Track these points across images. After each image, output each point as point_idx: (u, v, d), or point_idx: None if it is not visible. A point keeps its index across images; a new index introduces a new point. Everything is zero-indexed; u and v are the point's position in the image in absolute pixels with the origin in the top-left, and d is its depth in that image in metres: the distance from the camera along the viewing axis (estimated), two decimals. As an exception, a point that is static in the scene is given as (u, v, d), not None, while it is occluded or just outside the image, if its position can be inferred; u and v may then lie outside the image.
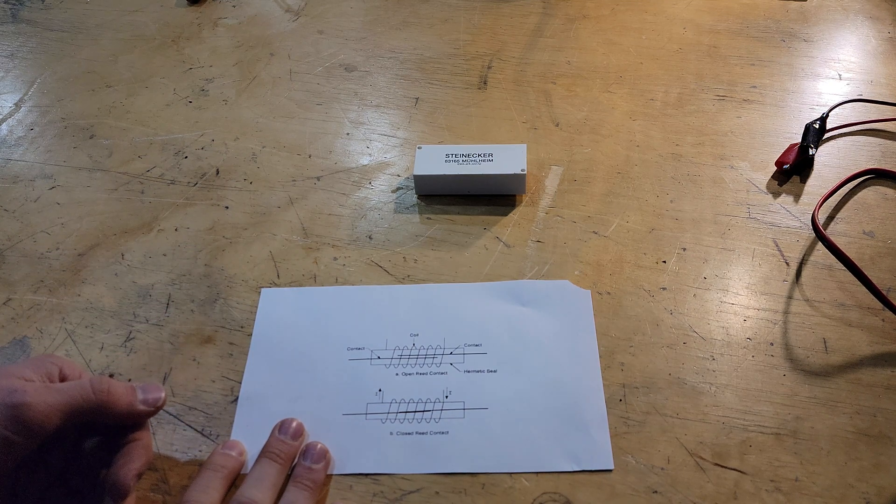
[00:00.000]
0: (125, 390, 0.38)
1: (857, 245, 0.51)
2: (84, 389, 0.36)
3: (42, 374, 0.37)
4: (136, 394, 0.39)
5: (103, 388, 0.37)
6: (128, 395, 0.38)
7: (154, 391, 0.40)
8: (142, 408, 0.39)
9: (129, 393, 0.38)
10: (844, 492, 0.39)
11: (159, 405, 0.40)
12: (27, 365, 0.38)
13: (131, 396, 0.39)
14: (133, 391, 0.39)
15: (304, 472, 0.39)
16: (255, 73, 0.67)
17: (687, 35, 0.70)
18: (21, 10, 0.77)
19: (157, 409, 0.40)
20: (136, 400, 0.39)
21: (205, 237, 0.53)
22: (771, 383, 0.43)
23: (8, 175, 0.58)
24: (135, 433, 0.39)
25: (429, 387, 0.44)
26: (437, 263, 0.50)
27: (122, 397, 0.38)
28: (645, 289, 0.48)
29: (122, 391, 0.38)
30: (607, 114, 0.62)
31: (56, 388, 0.36)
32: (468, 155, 0.54)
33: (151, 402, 0.39)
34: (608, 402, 0.42)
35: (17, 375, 0.36)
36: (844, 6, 0.73)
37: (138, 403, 0.39)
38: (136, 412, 0.39)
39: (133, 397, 0.39)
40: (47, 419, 0.35)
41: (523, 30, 0.71)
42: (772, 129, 0.60)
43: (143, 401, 0.39)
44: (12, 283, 0.50)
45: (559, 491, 0.39)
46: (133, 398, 0.39)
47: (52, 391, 0.35)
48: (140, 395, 0.39)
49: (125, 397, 0.38)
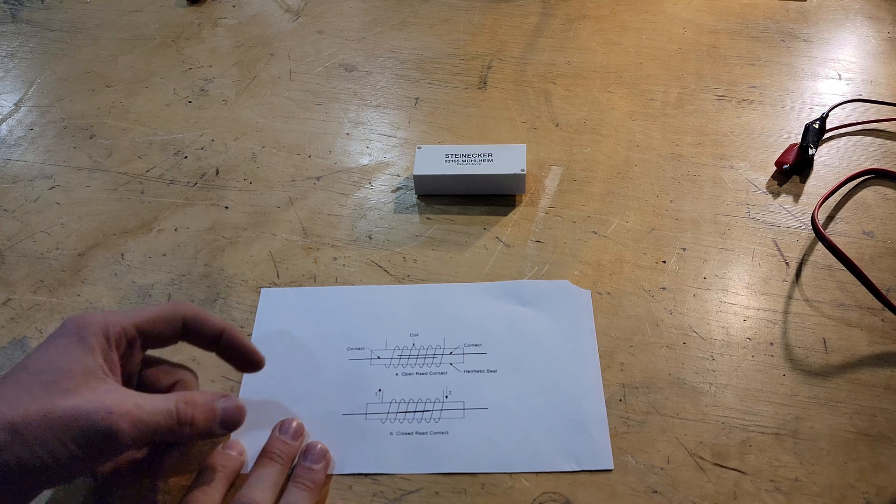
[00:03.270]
0: (206, 416, 0.36)
1: (857, 245, 0.51)
2: (170, 419, 0.34)
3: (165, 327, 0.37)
4: (216, 415, 0.37)
5: (187, 417, 0.35)
6: (208, 422, 0.36)
7: (234, 414, 0.37)
8: (218, 431, 0.37)
9: (209, 418, 0.36)
10: (844, 492, 0.39)
11: (235, 428, 0.38)
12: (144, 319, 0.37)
13: (211, 422, 0.36)
14: (213, 415, 0.37)
15: (305, 472, 0.39)
16: (254, 73, 0.67)
17: (687, 35, 0.70)
18: (21, 10, 0.77)
19: (230, 431, 0.38)
20: (215, 425, 0.37)
21: (205, 237, 0.53)
22: (771, 383, 0.43)
23: (8, 175, 0.58)
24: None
25: (429, 387, 0.44)
26: (437, 263, 0.50)
27: (201, 424, 0.36)
28: (645, 289, 0.48)
29: (203, 418, 0.36)
30: (607, 114, 0.62)
31: (147, 411, 0.34)
32: (468, 155, 0.54)
33: (229, 425, 0.37)
34: (608, 402, 0.42)
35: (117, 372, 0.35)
36: (844, 6, 0.73)
37: (217, 427, 0.37)
38: (210, 435, 0.37)
39: (213, 422, 0.37)
40: (126, 447, 0.33)
41: (523, 30, 0.71)
42: (772, 129, 0.60)
43: (221, 423, 0.37)
44: (12, 283, 0.50)
45: (559, 491, 0.39)
46: (213, 423, 0.37)
47: (143, 415, 0.33)
48: (219, 414, 0.37)
49: (205, 423, 0.36)
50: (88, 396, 0.32)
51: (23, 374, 0.33)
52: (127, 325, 0.37)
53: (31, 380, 0.33)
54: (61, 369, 0.33)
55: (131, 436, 0.33)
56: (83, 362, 0.34)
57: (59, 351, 0.34)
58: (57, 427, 0.31)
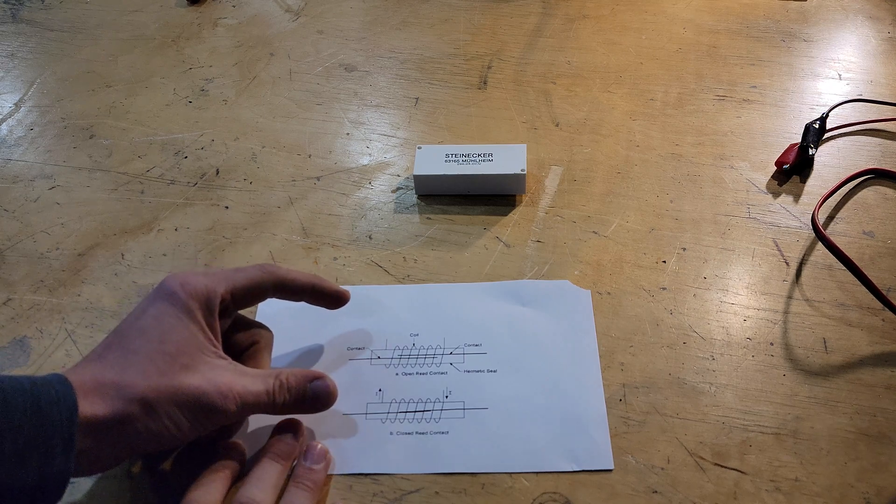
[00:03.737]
0: (296, 398, 0.38)
1: (857, 245, 0.51)
2: (268, 398, 0.37)
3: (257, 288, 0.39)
4: (307, 397, 0.39)
5: (281, 399, 0.38)
6: (297, 403, 0.39)
7: (324, 396, 0.39)
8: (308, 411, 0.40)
9: (299, 400, 0.39)
10: (844, 492, 0.39)
11: (325, 408, 0.40)
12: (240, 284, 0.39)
13: (301, 403, 0.39)
14: (303, 397, 0.39)
15: (305, 472, 0.39)
16: (254, 73, 0.67)
17: (687, 35, 0.70)
18: (21, 10, 0.77)
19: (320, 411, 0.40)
20: (305, 406, 0.39)
21: (205, 237, 0.53)
22: (771, 383, 0.43)
23: (8, 175, 0.58)
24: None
25: (429, 387, 0.44)
26: (437, 263, 0.50)
27: (291, 406, 0.38)
28: (645, 289, 0.48)
29: (294, 400, 0.38)
30: (607, 114, 0.62)
31: (251, 392, 0.36)
32: (468, 155, 0.54)
33: (319, 407, 0.40)
34: (608, 402, 0.42)
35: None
36: (844, 6, 0.73)
37: (307, 408, 0.39)
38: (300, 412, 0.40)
39: (303, 403, 0.39)
40: (228, 422, 0.36)
41: (523, 30, 0.71)
42: (772, 129, 0.60)
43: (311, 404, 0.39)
44: (12, 283, 0.50)
45: (559, 491, 0.39)
46: (303, 404, 0.39)
47: (248, 397, 0.36)
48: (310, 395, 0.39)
49: (294, 405, 0.39)
50: (208, 375, 0.36)
51: (143, 341, 0.35)
52: (225, 293, 0.38)
53: (155, 350, 0.35)
54: (178, 342, 0.36)
55: (235, 414, 0.36)
56: (196, 335, 0.36)
57: (171, 321, 0.36)
58: (182, 403, 0.34)
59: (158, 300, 0.37)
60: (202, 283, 0.38)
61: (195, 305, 0.37)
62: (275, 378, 0.38)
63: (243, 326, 0.42)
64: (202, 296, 0.37)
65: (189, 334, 0.36)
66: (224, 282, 0.39)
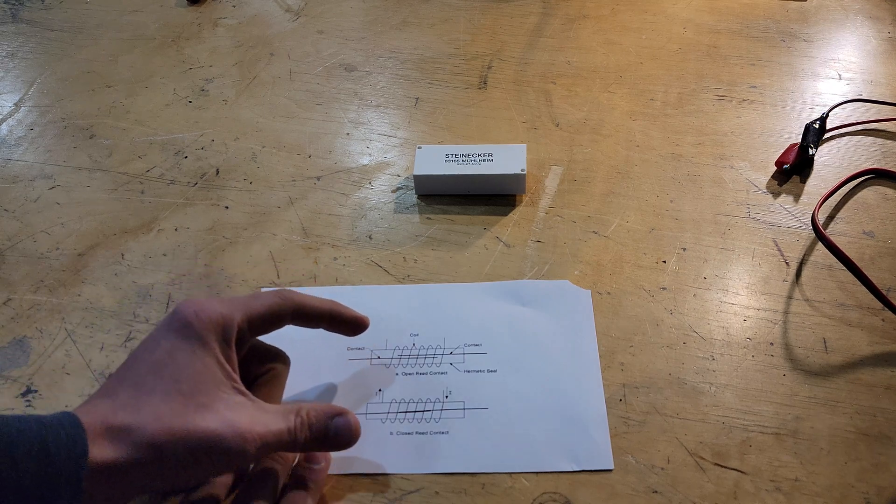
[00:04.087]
0: (316, 437, 0.37)
1: (857, 245, 0.51)
2: (289, 437, 0.36)
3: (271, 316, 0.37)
4: (328, 436, 0.37)
5: (301, 438, 0.36)
6: (317, 442, 0.37)
7: (346, 436, 0.38)
8: (328, 450, 0.38)
9: (319, 439, 0.37)
10: (844, 492, 0.39)
11: (344, 448, 0.38)
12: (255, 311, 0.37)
13: (321, 443, 0.37)
14: (325, 436, 0.37)
15: (305, 472, 0.39)
16: (255, 73, 0.67)
17: (687, 35, 0.70)
18: (21, 10, 0.77)
19: (340, 450, 0.39)
20: (325, 445, 0.38)
21: (205, 237, 0.53)
22: (771, 383, 0.43)
23: (8, 175, 0.58)
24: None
25: (429, 387, 0.44)
26: (437, 263, 0.50)
27: (311, 445, 0.37)
28: (645, 289, 0.48)
29: (314, 439, 0.37)
30: (607, 114, 0.62)
31: (272, 432, 0.35)
32: (468, 155, 0.54)
33: (338, 447, 0.38)
34: (608, 402, 0.42)
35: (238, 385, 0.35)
36: (844, 6, 0.73)
37: (327, 447, 0.38)
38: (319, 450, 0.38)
39: (324, 443, 0.37)
40: (247, 464, 0.34)
41: (523, 30, 0.71)
42: (772, 129, 0.60)
43: (331, 444, 0.38)
44: (12, 283, 0.50)
45: (559, 491, 0.39)
46: (323, 444, 0.38)
47: (268, 438, 0.34)
48: (332, 434, 0.37)
49: (314, 444, 0.37)
50: (225, 415, 0.34)
51: (157, 379, 0.34)
52: (242, 321, 0.37)
53: (169, 390, 0.33)
54: (194, 379, 0.34)
55: (254, 456, 0.34)
56: (212, 369, 0.35)
57: (186, 356, 0.34)
58: (196, 448, 0.32)
59: (172, 332, 0.35)
60: (218, 312, 0.36)
61: (211, 336, 0.35)
62: (296, 415, 0.36)
63: (259, 352, 0.41)
64: (218, 325, 0.35)
65: (205, 369, 0.34)
66: (241, 309, 0.37)
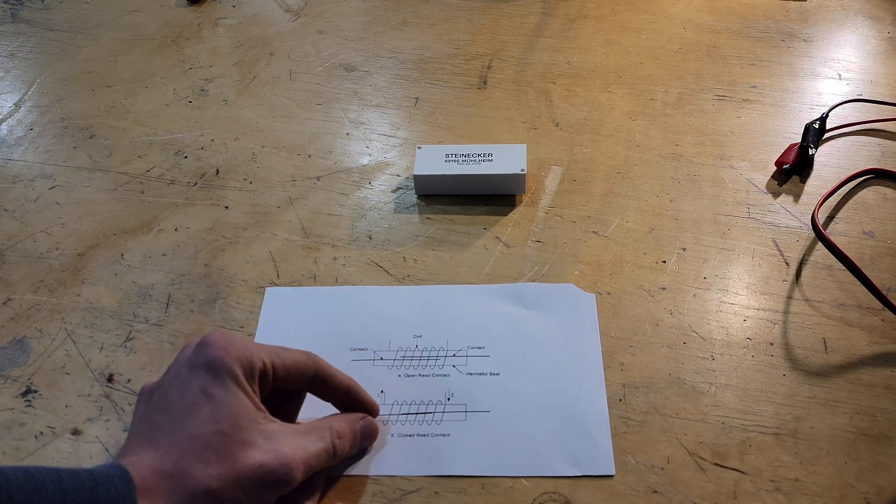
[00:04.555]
0: (351, 444, 0.39)
1: (857, 245, 0.51)
2: (328, 455, 0.37)
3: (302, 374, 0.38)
4: (357, 440, 0.39)
5: (341, 451, 0.38)
6: (352, 448, 0.39)
7: (370, 434, 0.40)
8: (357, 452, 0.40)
9: (353, 445, 0.39)
10: (844, 492, 0.39)
11: (369, 444, 0.41)
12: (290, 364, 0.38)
13: (354, 448, 0.39)
14: (356, 440, 0.39)
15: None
16: (254, 73, 0.67)
17: (687, 35, 0.70)
18: (21, 10, 0.77)
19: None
20: (356, 449, 0.40)
21: (205, 237, 0.53)
22: (771, 383, 0.43)
23: (8, 175, 0.58)
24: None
25: (431, 389, 0.44)
26: (437, 263, 0.50)
27: (347, 453, 0.39)
28: (645, 289, 0.48)
29: (349, 447, 0.39)
30: (607, 114, 0.62)
31: (313, 454, 0.36)
32: (468, 155, 0.54)
33: (365, 446, 0.41)
34: (608, 403, 0.42)
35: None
36: (844, 6, 0.73)
37: (357, 450, 0.40)
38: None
39: (356, 448, 0.40)
40: (294, 486, 0.35)
41: (523, 30, 0.71)
42: (772, 129, 0.60)
43: (359, 446, 0.40)
44: (12, 283, 0.50)
45: (559, 491, 0.39)
46: (355, 448, 0.40)
47: (311, 460, 0.36)
48: (359, 437, 0.40)
49: (349, 451, 0.39)
50: (266, 447, 0.35)
51: (196, 422, 0.34)
52: (267, 362, 0.37)
53: (211, 432, 0.34)
54: (232, 417, 0.34)
55: (301, 479, 0.35)
56: (246, 404, 0.35)
57: (220, 393, 0.35)
58: (247, 486, 0.33)
59: (202, 370, 0.35)
60: (245, 346, 0.36)
61: (239, 371, 0.35)
62: (329, 431, 0.38)
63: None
64: (246, 359, 0.36)
65: (240, 405, 0.35)
66: (268, 353, 0.37)
